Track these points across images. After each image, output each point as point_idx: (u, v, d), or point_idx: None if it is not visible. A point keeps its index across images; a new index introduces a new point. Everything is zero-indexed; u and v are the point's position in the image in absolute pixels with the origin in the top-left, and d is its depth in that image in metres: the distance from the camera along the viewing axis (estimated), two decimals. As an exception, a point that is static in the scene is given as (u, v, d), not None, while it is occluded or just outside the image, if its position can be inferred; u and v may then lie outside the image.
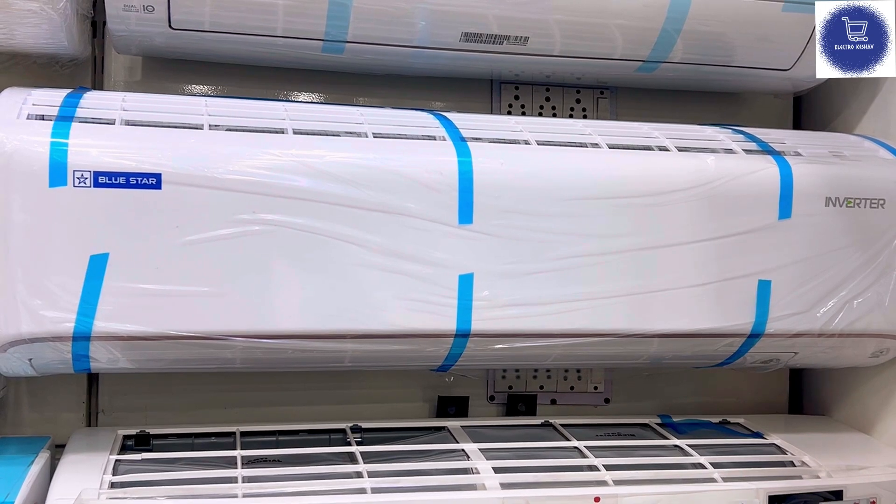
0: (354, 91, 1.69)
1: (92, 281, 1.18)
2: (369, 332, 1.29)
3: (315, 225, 1.24)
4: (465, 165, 1.30)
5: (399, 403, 1.70)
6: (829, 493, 1.35)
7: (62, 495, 1.15)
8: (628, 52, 1.57)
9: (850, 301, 1.44)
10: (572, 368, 1.75)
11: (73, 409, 1.58)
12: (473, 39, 1.50)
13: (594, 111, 1.78)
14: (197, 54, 1.54)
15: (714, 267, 1.38)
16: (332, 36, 1.46)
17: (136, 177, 1.18)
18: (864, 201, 1.44)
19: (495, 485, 1.26)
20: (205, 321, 1.22)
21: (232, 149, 1.24)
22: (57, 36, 1.38)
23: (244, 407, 1.62)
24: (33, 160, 1.16)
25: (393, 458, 1.34)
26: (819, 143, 1.54)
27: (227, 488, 1.20)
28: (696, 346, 1.44)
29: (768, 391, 1.85)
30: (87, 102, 1.27)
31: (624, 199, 1.35)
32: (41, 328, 1.17)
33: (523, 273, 1.32)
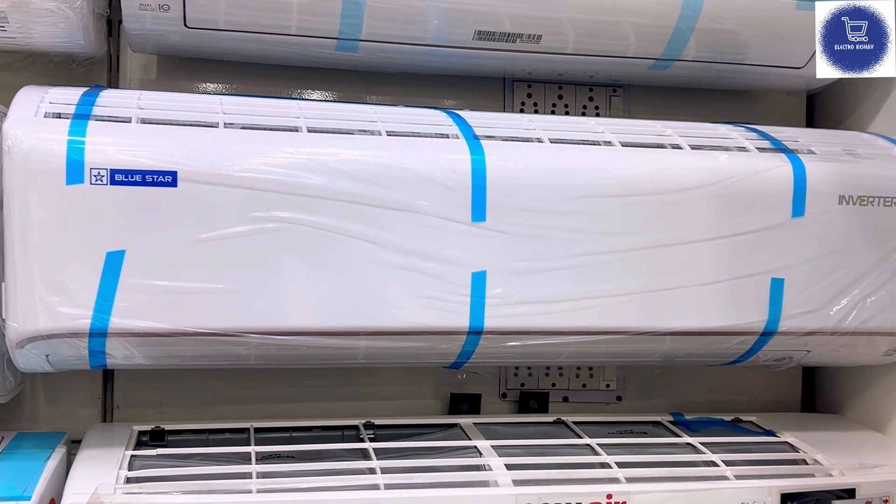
0: (368, 89, 1.69)
1: (108, 277, 1.19)
2: (382, 329, 1.29)
3: (329, 222, 1.25)
4: (478, 163, 1.30)
5: (412, 400, 1.70)
6: (841, 492, 1.35)
7: (79, 490, 1.16)
8: (641, 49, 1.57)
9: (863, 299, 1.44)
10: (584, 366, 1.75)
11: (89, 405, 1.59)
12: (487, 38, 1.51)
13: (607, 109, 1.78)
14: (212, 53, 1.55)
15: (727, 265, 1.38)
16: (345, 34, 1.47)
17: (153, 174, 1.19)
18: (877, 199, 1.44)
19: (508, 482, 1.27)
20: (220, 318, 1.23)
21: (247, 147, 1.25)
22: (73, 35, 1.39)
23: (258, 403, 1.63)
24: (50, 158, 1.17)
25: (406, 454, 1.34)
26: (832, 141, 1.53)
27: (242, 484, 1.20)
28: (708, 344, 1.44)
29: (781, 389, 1.84)
30: (104, 101, 1.28)
31: (637, 197, 1.35)
32: (58, 324, 1.18)
33: (536, 271, 1.32)
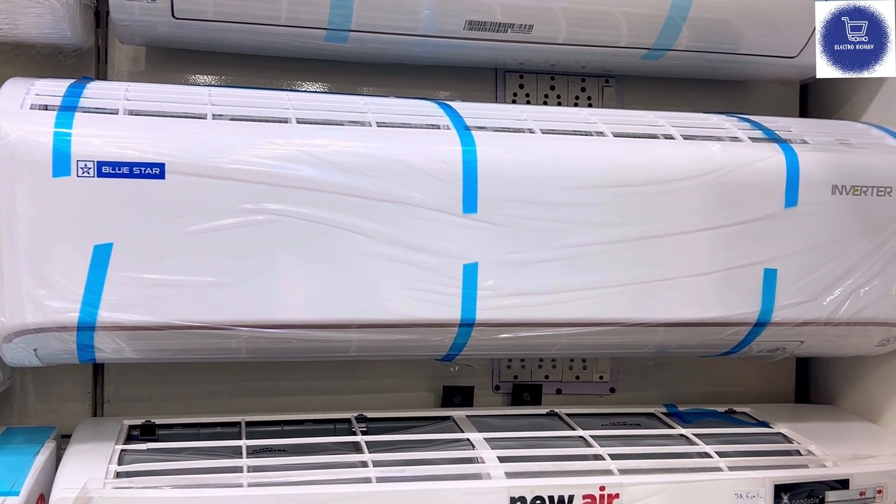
0: (358, 80, 1.68)
1: (96, 271, 1.18)
2: (374, 321, 1.29)
3: (319, 214, 1.24)
4: (469, 154, 1.30)
5: (404, 393, 1.70)
6: (835, 482, 1.35)
7: (68, 485, 1.15)
8: (633, 39, 1.56)
9: (856, 289, 1.43)
10: (578, 358, 1.75)
11: (79, 400, 1.58)
12: (478, 27, 1.50)
13: (599, 100, 1.77)
14: (200, 44, 1.54)
15: (720, 255, 1.38)
16: (335, 25, 1.45)
17: (140, 166, 1.18)
18: (871, 189, 1.43)
19: (500, 474, 1.26)
20: (209, 311, 1.22)
21: (235, 138, 1.24)
22: (60, 26, 1.38)
23: (249, 397, 1.62)
24: (36, 150, 1.15)
25: (398, 447, 1.34)
26: (826, 131, 1.53)
27: (233, 477, 1.20)
28: (701, 335, 1.43)
29: (774, 380, 1.84)
30: (91, 92, 1.27)
31: (629, 187, 1.34)
32: (46, 318, 1.17)
33: (528, 262, 1.31)
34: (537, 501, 1.23)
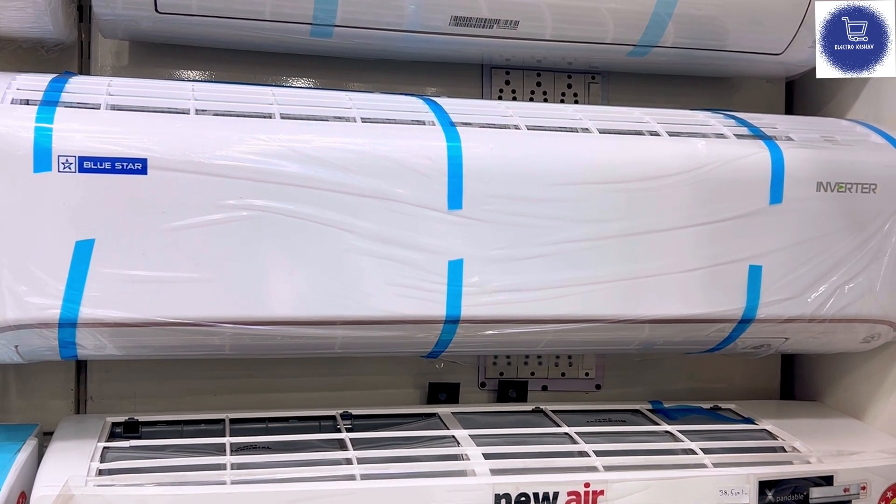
0: (345, 76, 1.68)
1: (78, 267, 1.17)
2: (359, 318, 1.28)
3: (303, 210, 1.23)
4: (454, 150, 1.29)
5: (389, 390, 1.69)
6: (819, 479, 1.35)
7: (49, 482, 1.14)
8: (619, 35, 1.56)
9: (841, 286, 1.44)
10: (563, 355, 1.75)
11: (62, 397, 1.57)
12: (463, 23, 1.49)
13: (585, 96, 1.77)
14: (184, 39, 1.53)
15: (705, 252, 1.38)
16: (320, 20, 1.45)
17: (122, 162, 1.17)
18: (855, 186, 1.43)
19: (485, 471, 1.26)
20: (192, 307, 1.21)
21: (219, 134, 1.23)
22: (42, 20, 1.37)
23: (234, 394, 1.62)
24: (17, 145, 1.14)
25: (383, 444, 1.33)
26: (811, 128, 1.53)
27: (216, 475, 1.19)
28: (687, 332, 1.43)
29: (760, 377, 1.85)
30: (73, 87, 1.26)
31: (614, 184, 1.34)
32: (27, 315, 1.16)
33: (513, 259, 1.31)
34: (522, 498, 1.23)
